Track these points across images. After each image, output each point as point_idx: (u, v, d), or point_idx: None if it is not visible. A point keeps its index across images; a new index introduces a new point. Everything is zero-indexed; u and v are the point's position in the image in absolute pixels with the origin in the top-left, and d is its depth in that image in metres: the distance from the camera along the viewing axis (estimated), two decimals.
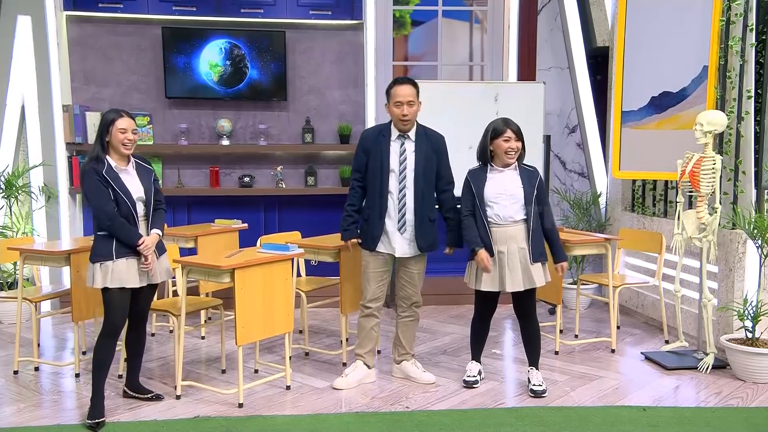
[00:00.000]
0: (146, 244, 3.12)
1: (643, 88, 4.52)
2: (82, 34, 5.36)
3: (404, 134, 3.43)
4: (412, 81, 3.42)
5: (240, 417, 3.16)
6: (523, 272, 3.35)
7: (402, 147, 3.42)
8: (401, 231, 3.43)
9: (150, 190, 3.20)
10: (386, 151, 3.41)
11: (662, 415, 3.19)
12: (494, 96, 5.17)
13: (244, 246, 3.98)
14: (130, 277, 3.13)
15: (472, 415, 3.20)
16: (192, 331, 4.46)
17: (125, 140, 3.10)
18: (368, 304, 3.53)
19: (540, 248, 3.38)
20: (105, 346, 3.12)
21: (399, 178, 3.40)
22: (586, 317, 5.03)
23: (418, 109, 3.42)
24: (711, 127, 3.71)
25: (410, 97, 3.36)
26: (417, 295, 3.59)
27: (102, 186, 3.05)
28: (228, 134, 5.48)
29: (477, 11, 6.34)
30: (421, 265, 3.55)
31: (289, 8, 5.42)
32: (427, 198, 3.43)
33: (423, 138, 3.44)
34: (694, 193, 3.85)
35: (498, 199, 3.35)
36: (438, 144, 3.48)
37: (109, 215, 3.06)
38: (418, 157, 3.41)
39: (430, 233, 3.46)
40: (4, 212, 4.98)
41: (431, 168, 3.44)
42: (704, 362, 3.80)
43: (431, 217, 3.46)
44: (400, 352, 3.65)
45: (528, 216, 3.35)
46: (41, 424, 3.09)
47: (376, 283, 3.51)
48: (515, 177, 3.39)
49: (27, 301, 3.78)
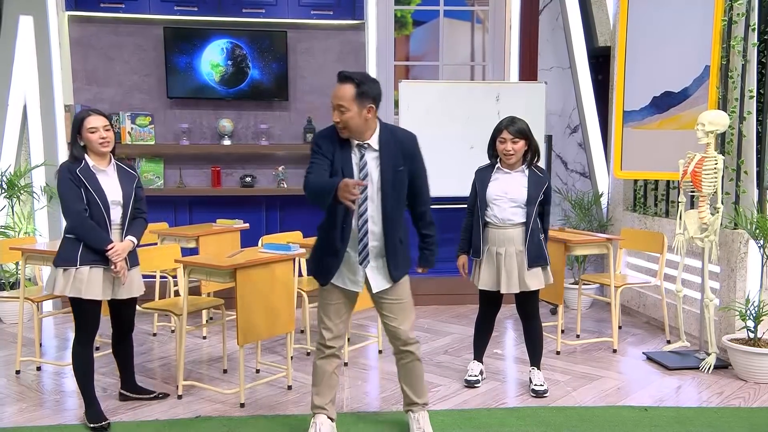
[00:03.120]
0: (116, 250, 2.92)
1: (644, 88, 4.52)
2: (83, 34, 5.36)
3: (362, 143, 2.65)
4: (357, 79, 2.61)
5: (241, 417, 3.16)
6: (519, 275, 3.31)
7: (362, 160, 2.65)
8: (363, 264, 2.69)
9: (130, 196, 3.03)
10: (347, 163, 2.64)
11: (664, 415, 3.19)
12: (495, 96, 5.16)
13: (246, 246, 3.98)
14: (92, 288, 2.92)
15: (473, 415, 3.20)
16: (193, 331, 4.46)
17: (99, 139, 2.94)
18: (329, 344, 2.79)
19: (538, 252, 3.31)
20: (81, 355, 3.01)
21: (359, 199, 2.58)
22: (588, 317, 5.02)
23: (361, 117, 2.59)
24: (713, 127, 3.70)
25: (341, 100, 2.58)
26: (406, 332, 2.79)
27: (73, 185, 2.90)
28: (229, 134, 5.49)
29: (478, 11, 6.34)
30: (402, 292, 2.78)
31: (291, 8, 5.42)
32: (396, 218, 2.69)
33: (389, 144, 2.66)
34: (695, 193, 3.84)
35: (498, 201, 3.31)
36: (409, 147, 2.70)
37: (77, 216, 2.90)
38: (385, 169, 2.64)
39: (403, 258, 2.75)
40: (6, 212, 4.98)
41: (401, 179, 2.68)
42: (706, 362, 3.79)
43: (402, 239, 2.74)
44: (406, 402, 2.97)
45: (528, 220, 3.28)
46: (43, 424, 3.09)
47: (336, 317, 2.78)
48: (521, 179, 3.30)
49: (29, 300, 3.78)
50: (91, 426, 3.01)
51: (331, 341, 2.80)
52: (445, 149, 5.02)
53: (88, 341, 3.05)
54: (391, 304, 2.78)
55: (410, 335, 2.82)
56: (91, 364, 3.06)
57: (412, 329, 2.83)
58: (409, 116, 4.98)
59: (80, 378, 3.04)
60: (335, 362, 2.85)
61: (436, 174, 3.62)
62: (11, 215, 4.98)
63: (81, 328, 3.02)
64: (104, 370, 3.68)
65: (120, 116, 5.39)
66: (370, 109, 2.62)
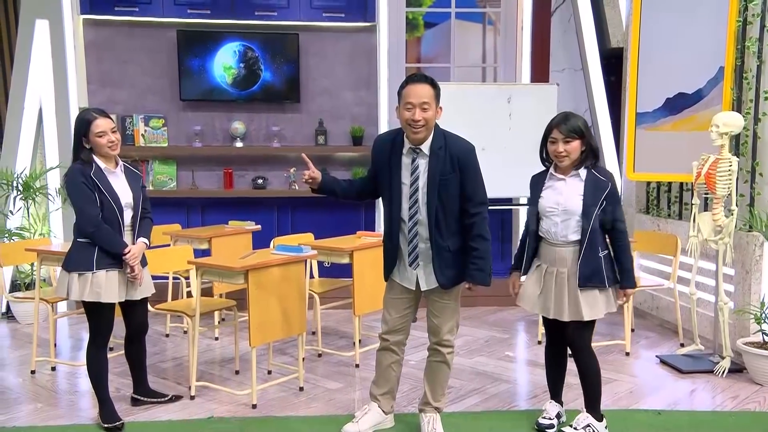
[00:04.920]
0: (133, 253, 2.94)
1: (657, 90, 4.49)
2: (98, 37, 5.41)
3: (417, 147, 2.72)
4: (431, 80, 2.73)
5: (254, 418, 3.18)
6: (570, 301, 2.81)
7: (414, 164, 2.73)
8: (413, 266, 2.79)
9: (139, 197, 3.03)
10: (396, 168, 2.75)
11: (678, 419, 3.17)
12: (507, 98, 5.15)
13: (258, 247, 4.00)
14: (109, 292, 2.93)
15: (485, 417, 3.20)
16: (206, 332, 4.48)
17: (108, 143, 2.90)
18: (385, 336, 2.92)
19: (591, 271, 2.78)
20: (96, 357, 3.03)
21: (410, 202, 2.73)
22: (600, 320, 4.97)
23: (435, 116, 2.71)
24: (727, 129, 3.67)
25: (424, 99, 2.66)
26: (444, 332, 2.84)
27: (87, 189, 2.86)
28: (241, 136, 5.52)
29: (490, 13, 6.33)
30: (447, 295, 2.83)
31: (303, 10, 5.45)
32: (445, 225, 2.73)
33: (441, 150, 2.71)
34: (709, 195, 3.82)
35: (551, 214, 2.84)
36: (463, 156, 2.73)
37: (93, 221, 2.87)
38: (433, 176, 2.70)
39: (451, 266, 2.76)
40: (21, 214, 5.04)
41: (451, 187, 2.70)
42: (720, 366, 3.76)
43: (451, 247, 2.75)
44: (422, 400, 3.00)
45: (584, 236, 2.78)
46: (58, 424, 3.12)
47: (395, 312, 2.88)
48: (577, 186, 2.81)
49: (44, 301, 3.82)
50: (106, 426, 3.03)
51: (387, 335, 2.91)
52: None
53: (103, 343, 3.07)
54: (436, 302, 2.84)
55: (447, 336, 2.87)
56: (106, 365, 3.09)
57: (451, 332, 2.88)
58: None
59: (94, 379, 3.06)
60: (391, 357, 2.94)
61: None
62: (27, 217, 5.03)
63: (96, 331, 3.04)
64: (118, 370, 3.71)
65: (133, 118, 5.43)
66: (440, 110, 2.74)
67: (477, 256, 2.74)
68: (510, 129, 5.11)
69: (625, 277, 2.85)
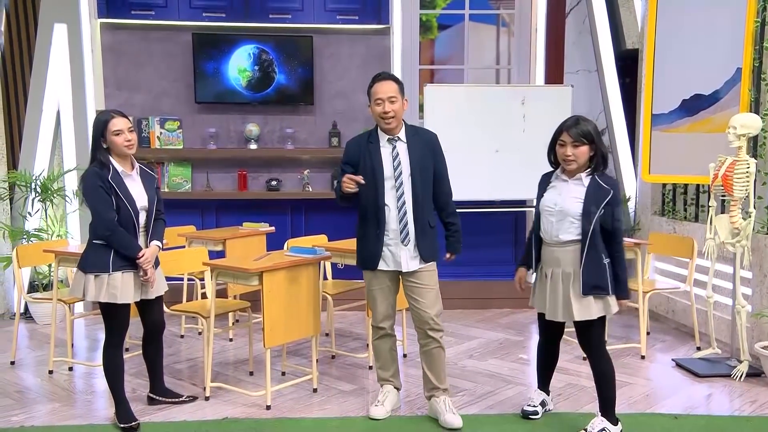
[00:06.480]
0: (146, 257, 2.97)
1: (673, 91, 4.45)
2: (115, 40, 5.47)
3: (393, 136, 3.09)
4: (394, 77, 3.11)
5: (268, 419, 3.19)
6: (564, 302, 2.85)
7: (394, 151, 3.08)
8: (405, 243, 3.06)
9: (153, 199, 3.06)
10: (377, 158, 3.06)
11: (695, 423, 3.13)
12: (521, 100, 5.13)
13: (271, 249, 4.01)
14: (125, 293, 2.97)
15: (499, 420, 3.18)
16: (220, 334, 4.51)
17: (125, 142, 2.93)
18: (380, 325, 3.21)
19: (596, 280, 2.80)
20: (112, 357, 3.05)
21: (396, 185, 3.05)
22: (615, 323, 4.95)
23: (403, 107, 3.07)
24: (745, 130, 3.63)
25: (391, 93, 3.01)
26: (433, 318, 3.08)
27: (104, 193, 2.89)
28: (256, 138, 5.54)
29: (504, 14, 6.31)
30: (430, 279, 3.11)
31: (317, 13, 5.47)
32: (426, 202, 3.10)
33: (415, 137, 3.11)
34: (727, 197, 3.78)
35: (547, 213, 2.90)
36: (432, 143, 3.14)
37: (110, 225, 2.91)
38: (413, 158, 3.06)
39: (432, 240, 3.12)
40: (39, 215, 5.10)
41: (427, 168, 3.09)
42: (738, 370, 3.72)
43: (431, 223, 3.12)
44: (428, 387, 3.20)
45: (585, 237, 2.79)
46: (75, 424, 3.16)
47: (384, 300, 3.17)
48: (578, 190, 2.83)
49: (61, 302, 3.86)
50: (122, 426, 3.05)
51: (382, 323, 3.21)
52: (470, 153, 5.01)
53: (119, 343, 3.10)
54: (420, 288, 3.10)
55: (436, 319, 3.11)
56: (122, 365, 3.12)
57: (438, 315, 3.12)
58: (433, 120, 4.97)
59: (111, 379, 3.08)
60: (390, 341, 3.26)
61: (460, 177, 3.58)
62: (44, 218, 5.09)
63: (112, 331, 3.07)
64: (134, 371, 3.74)
65: (149, 121, 5.48)
66: (405, 101, 3.10)
67: (454, 230, 3.21)
68: (524, 131, 5.09)
69: (622, 288, 2.87)
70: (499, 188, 5.15)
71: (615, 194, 2.81)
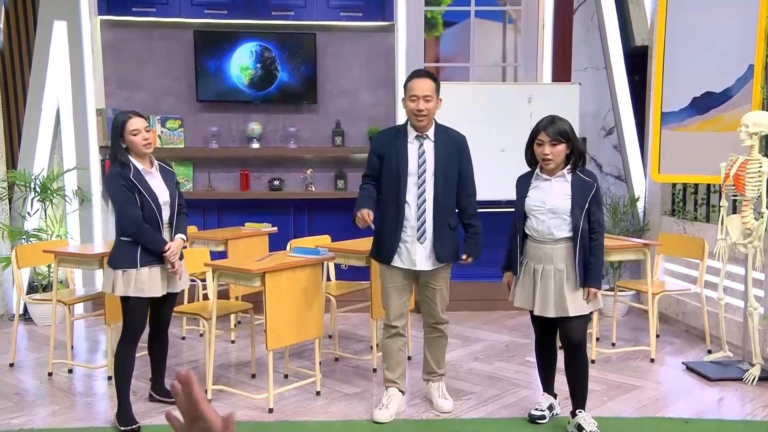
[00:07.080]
0: (172, 250, 3.07)
1: (684, 89, 4.38)
2: (115, 38, 5.41)
3: (422, 134, 3.10)
4: (432, 75, 3.11)
5: (270, 422, 3.14)
6: (557, 297, 2.89)
7: (421, 148, 3.09)
8: (421, 240, 3.07)
9: (174, 194, 3.16)
10: (403, 153, 3.07)
11: (706, 428, 3.07)
12: (528, 97, 5.06)
13: (274, 249, 3.96)
14: (153, 287, 3.07)
15: (505, 424, 3.13)
16: (222, 335, 4.45)
17: (143, 141, 3.03)
18: (393, 323, 3.19)
19: (588, 273, 2.91)
20: (126, 353, 3.10)
21: (418, 182, 3.05)
22: (624, 325, 4.88)
23: (436, 106, 3.08)
24: (757, 129, 3.56)
25: (427, 92, 3.02)
26: (440, 315, 3.22)
27: (128, 191, 2.99)
28: (258, 137, 5.48)
29: (510, 11, 6.24)
30: (443, 281, 3.18)
31: (320, 10, 5.40)
32: (447, 203, 3.09)
33: (443, 137, 3.11)
34: (738, 197, 3.70)
35: (536, 212, 2.93)
36: (460, 144, 3.13)
37: (135, 222, 3.00)
38: (439, 157, 3.07)
39: (451, 242, 3.10)
40: (39, 215, 5.05)
41: (452, 169, 3.09)
42: (750, 373, 3.64)
43: (452, 224, 3.11)
44: (427, 371, 3.35)
45: (576, 233, 2.87)
46: (75, 426, 3.11)
47: (398, 298, 3.17)
48: (563, 187, 2.91)
49: (61, 303, 3.81)
50: (122, 429, 3.04)
51: (395, 321, 3.20)
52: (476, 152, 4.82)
53: (134, 340, 3.13)
54: (434, 290, 3.17)
55: (443, 316, 3.25)
56: (132, 365, 3.14)
57: (444, 311, 3.25)
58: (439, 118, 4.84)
59: (119, 377, 3.10)
60: (400, 341, 3.26)
61: None
62: (44, 218, 5.04)
63: (130, 328, 3.10)
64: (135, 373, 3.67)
65: (150, 120, 5.42)
66: (440, 101, 3.11)
67: (474, 233, 3.17)
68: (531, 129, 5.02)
69: (594, 276, 2.91)
70: (505, 187, 5.04)
71: (597, 186, 2.95)
